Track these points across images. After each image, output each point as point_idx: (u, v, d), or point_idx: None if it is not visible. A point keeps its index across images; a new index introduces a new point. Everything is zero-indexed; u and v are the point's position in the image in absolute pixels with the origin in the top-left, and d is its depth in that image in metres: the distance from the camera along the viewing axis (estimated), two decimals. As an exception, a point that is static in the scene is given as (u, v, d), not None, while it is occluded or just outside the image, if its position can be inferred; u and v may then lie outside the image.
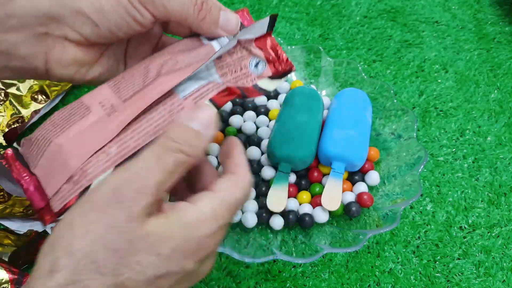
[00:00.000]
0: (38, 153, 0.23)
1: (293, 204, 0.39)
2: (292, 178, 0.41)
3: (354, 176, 0.42)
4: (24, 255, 0.37)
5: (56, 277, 0.18)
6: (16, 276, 0.34)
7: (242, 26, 0.28)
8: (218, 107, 0.25)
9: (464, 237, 0.42)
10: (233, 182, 0.23)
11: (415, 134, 0.41)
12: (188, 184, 0.27)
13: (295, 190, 0.41)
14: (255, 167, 0.42)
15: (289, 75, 0.49)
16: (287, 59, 0.27)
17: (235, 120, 0.45)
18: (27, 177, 0.23)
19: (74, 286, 0.18)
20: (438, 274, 0.39)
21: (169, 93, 0.25)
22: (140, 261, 0.19)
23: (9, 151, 0.24)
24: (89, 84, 0.29)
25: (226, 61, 0.26)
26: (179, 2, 0.25)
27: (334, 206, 0.37)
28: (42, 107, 0.45)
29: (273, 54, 0.27)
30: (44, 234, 0.36)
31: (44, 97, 0.46)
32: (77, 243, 0.19)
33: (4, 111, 0.44)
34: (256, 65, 0.27)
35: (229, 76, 0.26)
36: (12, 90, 0.45)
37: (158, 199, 0.21)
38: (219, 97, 0.25)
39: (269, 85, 0.27)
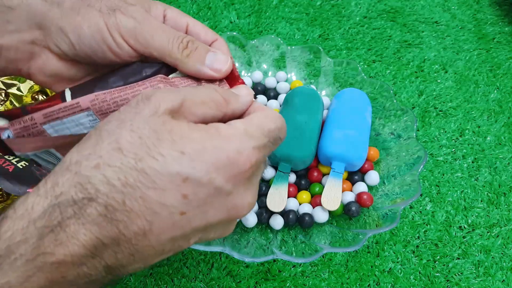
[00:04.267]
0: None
1: (293, 204, 0.39)
2: (292, 178, 0.41)
3: (353, 176, 0.42)
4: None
5: (81, 147, 0.19)
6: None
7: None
8: None
9: (464, 237, 0.42)
10: (263, 114, 0.22)
11: (414, 134, 0.41)
12: None
13: (295, 190, 0.41)
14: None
15: (289, 75, 0.50)
16: None
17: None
18: None
19: (95, 159, 0.18)
20: (437, 274, 0.39)
21: None
22: (162, 153, 0.18)
23: None
24: None
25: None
26: (163, 38, 0.25)
27: (334, 206, 0.37)
28: (42, 107, 0.45)
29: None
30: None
31: (44, 97, 0.46)
32: (106, 125, 0.19)
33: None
34: None
35: None
36: (13, 90, 0.45)
37: (183, 111, 0.20)
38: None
39: None
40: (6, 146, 0.26)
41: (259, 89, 0.48)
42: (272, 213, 0.39)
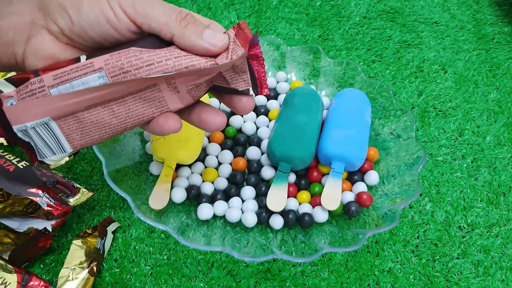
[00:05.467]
0: None
1: (292, 204, 0.40)
2: (292, 178, 0.41)
3: (353, 176, 0.42)
4: (24, 253, 0.37)
5: None
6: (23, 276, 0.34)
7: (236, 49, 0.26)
8: None
9: (463, 237, 0.42)
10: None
11: (414, 134, 0.41)
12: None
13: (295, 190, 0.41)
14: (255, 167, 0.42)
15: (289, 75, 0.50)
16: None
17: (236, 120, 0.45)
18: None
19: None
20: (437, 274, 0.40)
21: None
22: None
23: None
24: None
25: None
26: (162, 9, 0.26)
27: (334, 205, 0.37)
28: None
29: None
30: (44, 232, 0.36)
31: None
32: None
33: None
34: None
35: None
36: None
37: None
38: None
39: None
40: (5, 124, 0.26)
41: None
42: (272, 212, 0.39)
